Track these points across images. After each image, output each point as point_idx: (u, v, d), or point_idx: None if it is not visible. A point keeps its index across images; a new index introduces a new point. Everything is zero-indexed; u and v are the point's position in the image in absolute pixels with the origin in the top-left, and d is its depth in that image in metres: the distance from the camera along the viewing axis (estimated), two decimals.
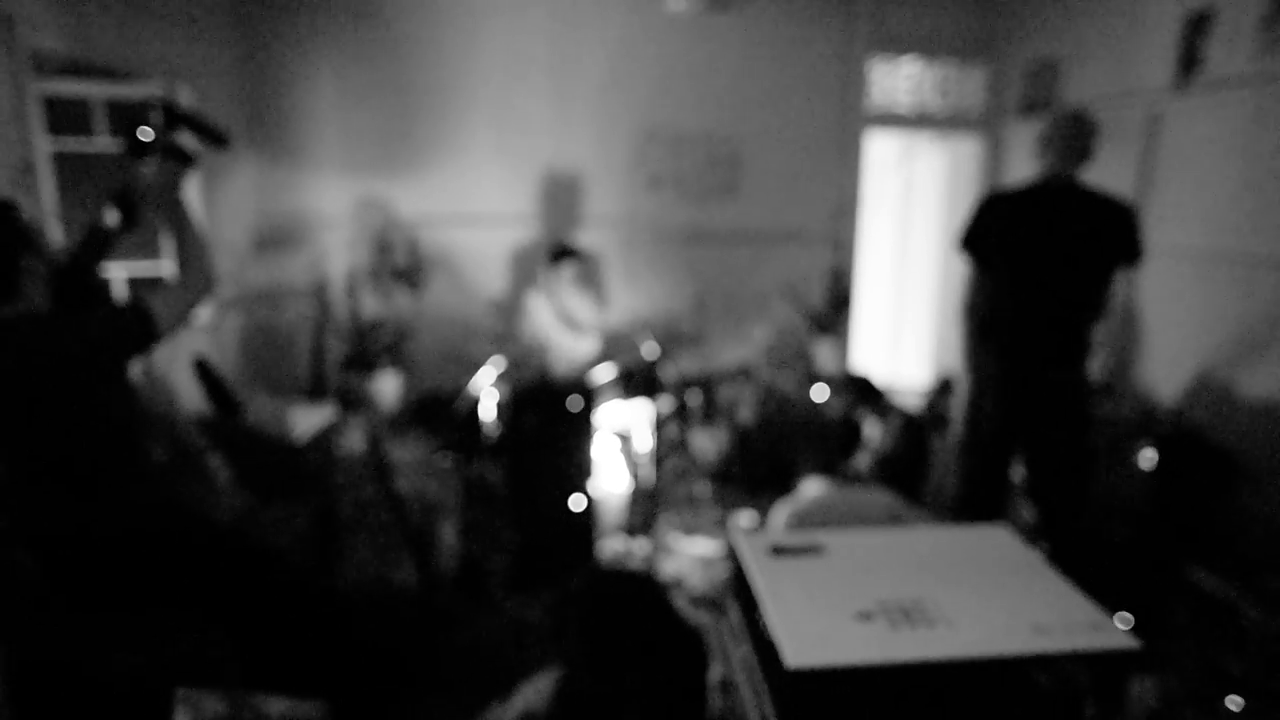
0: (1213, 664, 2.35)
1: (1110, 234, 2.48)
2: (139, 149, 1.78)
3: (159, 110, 1.82)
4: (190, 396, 3.50)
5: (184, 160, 1.83)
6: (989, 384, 2.70)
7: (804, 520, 2.57)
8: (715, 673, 1.14)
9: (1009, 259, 2.58)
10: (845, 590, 0.97)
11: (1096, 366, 2.63)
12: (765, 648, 0.93)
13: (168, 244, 1.82)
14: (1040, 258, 2.53)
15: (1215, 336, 3.35)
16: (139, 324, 1.67)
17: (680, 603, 3.05)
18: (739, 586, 1.08)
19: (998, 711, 0.85)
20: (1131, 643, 0.84)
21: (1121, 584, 2.76)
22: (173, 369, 3.50)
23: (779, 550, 1.07)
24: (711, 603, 3.10)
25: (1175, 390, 3.55)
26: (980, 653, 0.84)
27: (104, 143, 3.51)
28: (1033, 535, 2.75)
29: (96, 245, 1.79)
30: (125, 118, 1.85)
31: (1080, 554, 2.66)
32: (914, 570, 1.02)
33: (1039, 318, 2.58)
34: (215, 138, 1.94)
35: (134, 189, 1.78)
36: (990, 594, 0.96)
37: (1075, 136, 2.51)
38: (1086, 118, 2.54)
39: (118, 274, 3.63)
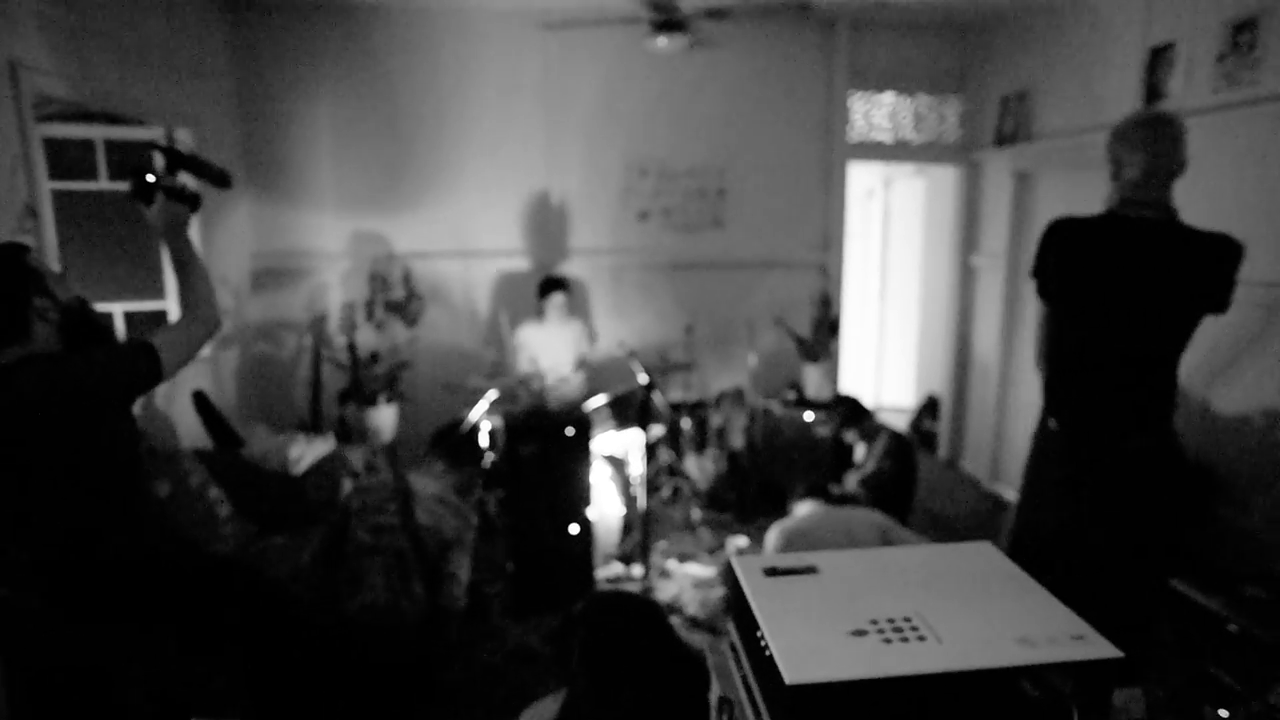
0: (1198, 673, 2.42)
1: (1202, 269, 2.07)
2: (144, 192, 1.84)
3: (161, 154, 1.87)
4: (190, 430, 3.53)
5: (187, 201, 1.89)
6: (1054, 449, 2.20)
7: (795, 541, 2.63)
8: (714, 692, 1.16)
9: (1079, 296, 2.12)
10: (839, 608, 0.99)
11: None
12: (764, 665, 0.95)
13: (172, 283, 1.87)
14: (1116, 296, 2.08)
15: (1192, 356, 3.44)
16: (146, 361, 1.71)
17: (677, 626, 3.09)
18: (737, 607, 1.10)
19: (988, 717, 0.88)
20: (1114, 652, 0.88)
21: (1106, 598, 2.82)
22: (173, 404, 3.54)
23: (773, 571, 1.09)
24: (708, 626, 3.14)
25: None
26: (969, 665, 0.87)
27: (105, 184, 3.58)
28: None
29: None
30: (130, 162, 1.91)
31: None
32: (904, 588, 1.05)
33: (1110, 368, 2.11)
34: (217, 178, 2.00)
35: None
36: (977, 608, 0.99)
37: (1160, 142, 2.06)
38: (1175, 119, 2.08)
39: (117, 311, 3.69)
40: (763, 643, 0.96)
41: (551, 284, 4.37)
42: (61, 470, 1.69)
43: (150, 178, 1.84)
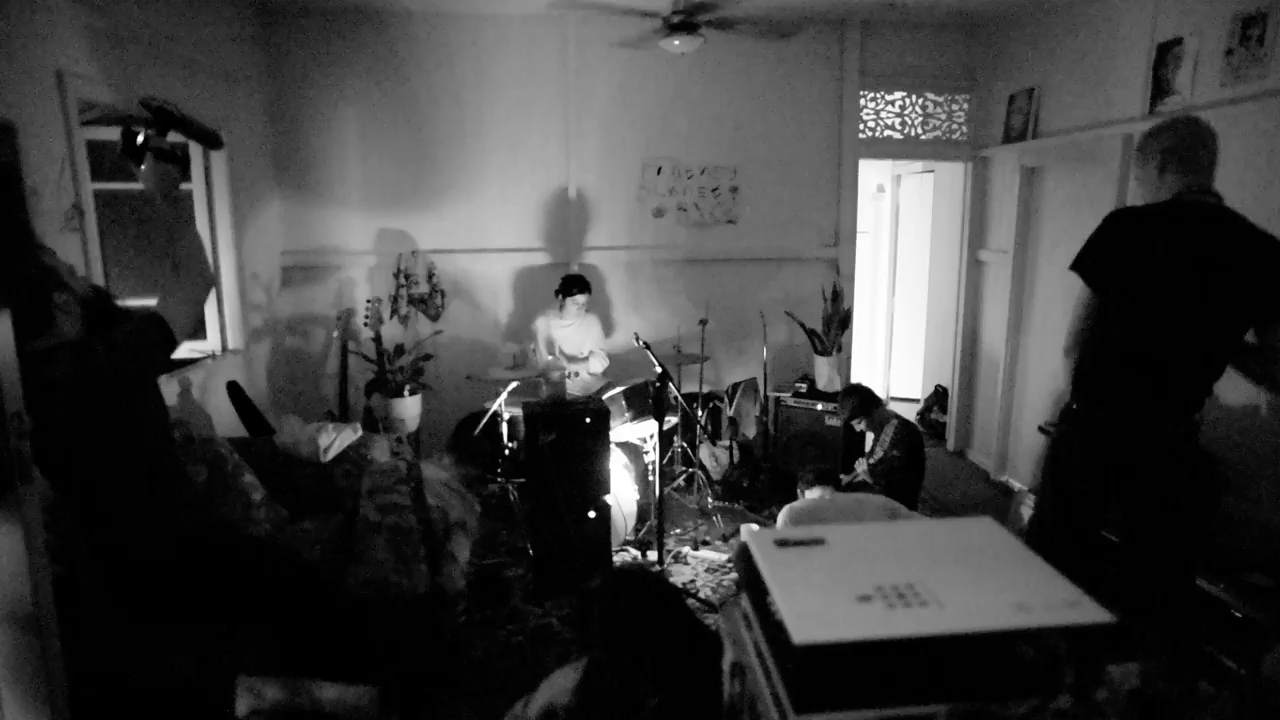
0: (1195, 651, 2.50)
1: (1255, 268, 2.06)
2: (133, 152, 1.84)
3: (151, 113, 1.86)
4: (225, 420, 3.67)
5: (176, 161, 1.89)
6: (1083, 434, 2.24)
7: (804, 521, 2.73)
8: (728, 659, 1.20)
9: (1134, 284, 2.13)
10: (845, 576, 1.02)
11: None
12: (774, 629, 0.99)
13: (165, 244, 1.89)
14: (1173, 286, 2.09)
15: None
16: (158, 332, 1.78)
17: (691, 609, 3.19)
18: (749, 578, 1.12)
19: (985, 679, 0.93)
20: (1106, 617, 0.91)
21: (1115, 582, 2.89)
22: (209, 395, 3.69)
23: (784, 543, 1.12)
24: (721, 608, 3.24)
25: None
26: (968, 628, 0.90)
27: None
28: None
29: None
30: (123, 123, 1.92)
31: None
32: (908, 558, 1.07)
33: (1158, 356, 2.13)
34: (207, 138, 2.02)
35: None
36: (978, 577, 1.02)
37: (1205, 145, 2.15)
38: (1207, 124, 2.19)
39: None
40: (773, 608, 1.00)
41: (574, 283, 4.47)
42: (99, 452, 1.75)
43: (139, 137, 1.84)
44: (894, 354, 6.84)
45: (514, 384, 3.96)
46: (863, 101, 5.13)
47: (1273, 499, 3.11)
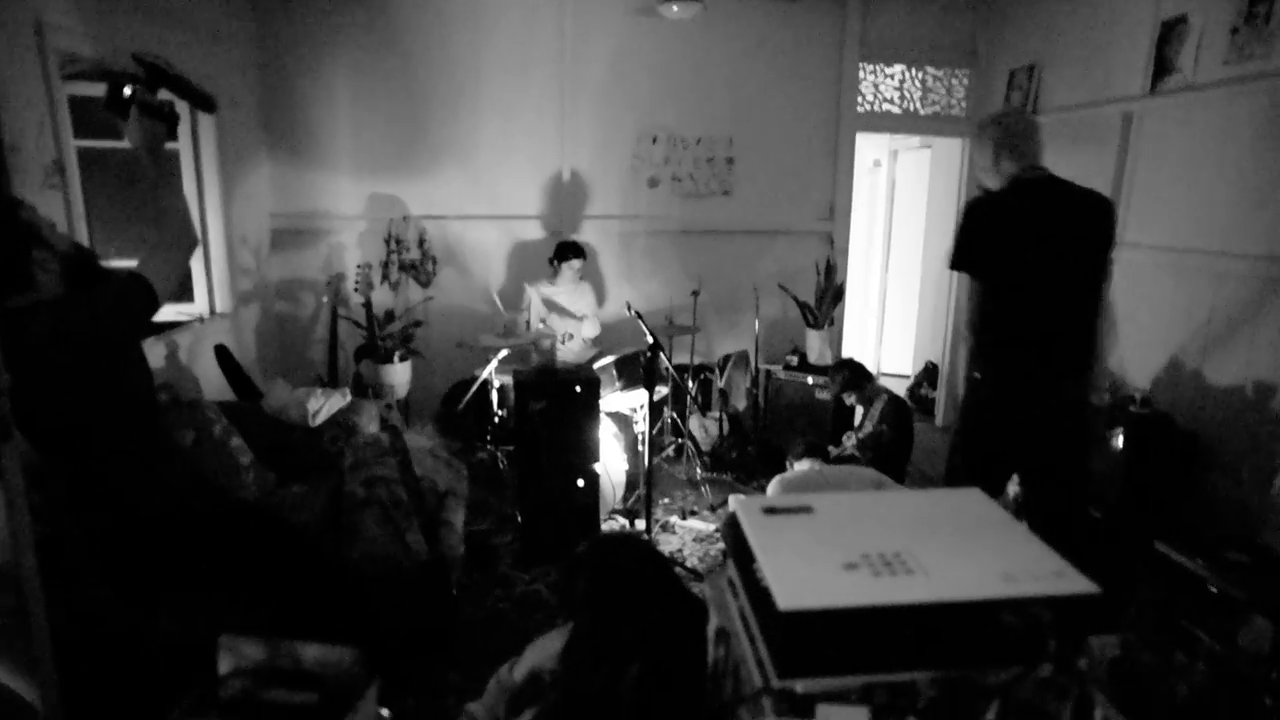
0: (1172, 625, 2.54)
1: (1097, 225, 2.37)
2: (118, 105, 1.76)
3: (142, 67, 1.78)
4: (212, 384, 3.65)
5: (164, 119, 1.82)
6: (993, 404, 2.47)
7: (795, 491, 2.74)
8: (713, 625, 1.20)
9: (1012, 266, 2.36)
10: (832, 544, 1.02)
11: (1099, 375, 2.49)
12: (759, 595, 0.99)
13: (149, 202, 1.83)
14: (1044, 258, 2.33)
15: (1184, 327, 3.53)
16: (140, 292, 1.74)
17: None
18: (736, 545, 1.13)
19: (968, 647, 0.93)
20: (1090, 587, 0.92)
21: (1094, 557, 2.93)
22: (196, 359, 3.66)
23: (771, 510, 1.12)
24: (707, 577, 3.27)
25: (1145, 377, 3.74)
26: (954, 597, 0.91)
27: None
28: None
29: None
30: (110, 74, 1.84)
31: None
32: (895, 527, 1.08)
33: (1051, 325, 2.37)
34: (199, 100, 1.94)
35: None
36: (964, 546, 1.02)
37: (1032, 132, 2.43)
38: (1031, 115, 2.46)
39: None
40: (759, 574, 1.00)
41: (569, 249, 4.44)
42: (78, 410, 1.72)
43: (126, 90, 1.76)
44: (886, 329, 6.85)
45: (504, 351, 3.94)
46: (862, 74, 5.07)
47: (1254, 480, 3.15)
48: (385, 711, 1.28)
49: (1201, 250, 3.42)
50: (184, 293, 3.97)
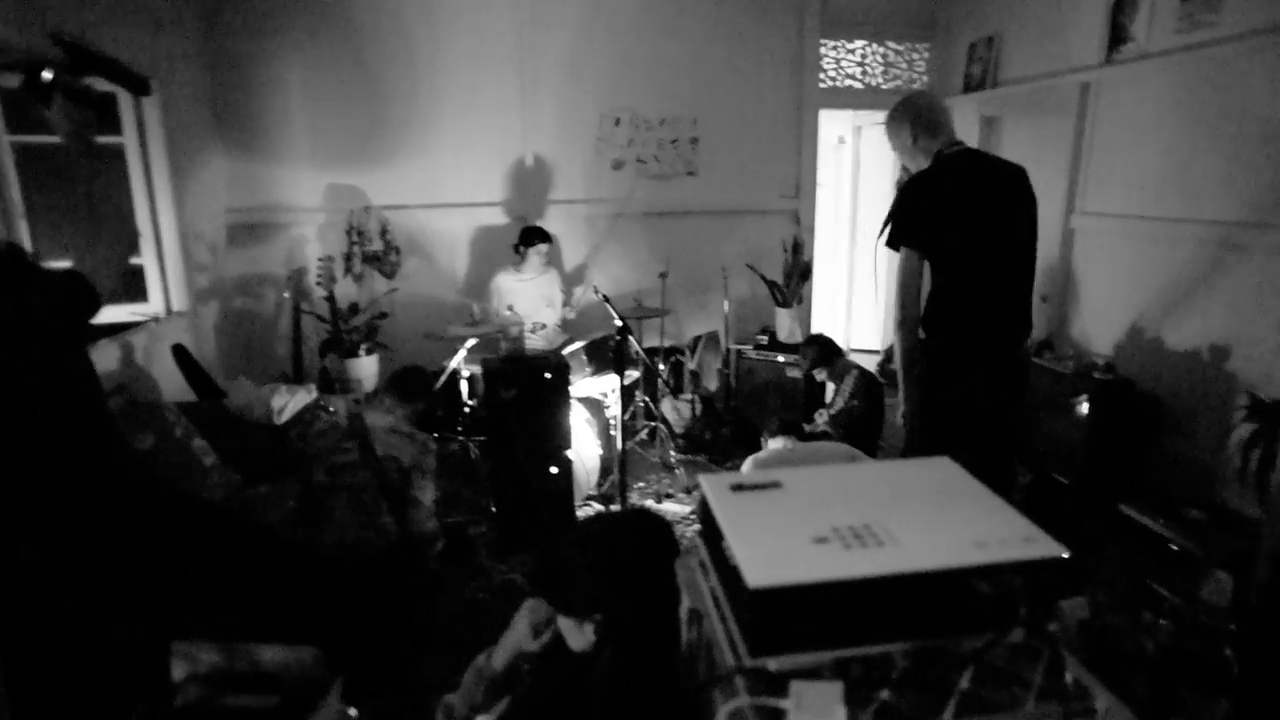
0: (1138, 584, 2.61)
1: (1021, 191, 2.46)
2: (39, 89, 1.62)
3: (62, 50, 1.65)
4: (172, 385, 3.56)
5: (92, 105, 1.70)
6: (947, 377, 2.48)
7: (766, 469, 2.75)
8: (684, 607, 1.18)
9: (953, 237, 2.40)
10: (801, 518, 1.00)
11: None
12: (729, 574, 0.97)
13: (82, 196, 1.71)
14: (981, 227, 2.40)
15: (1143, 293, 3.60)
16: (82, 291, 1.66)
17: None
18: (705, 524, 1.11)
19: (941, 617, 0.93)
20: (1060, 551, 0.92)
21: (1061, 519, 2.99)
22: (153, 360, 3.56)
23: (739, 487, 1.10)
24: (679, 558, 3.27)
25: (1107, 343, 3.81)
26: (926, 566, 0.91)
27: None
28: None
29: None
30: (26, 60, 1.70)
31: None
32: (865, 499, 1.07)
33: (1000, 293, 2.45)
34: (131, 82, 1.81)
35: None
36: (935, 516, 1.02)
37: (940, 111, 2.50)
38: (935, 95, 2.56)
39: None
40: (728, 552, 0.98)
41: (534, 233, 4.40)
42: (23, 417, 1.66)
43: (46, 74, 1.61)
44: (854, 306, 6.89)
45: (472, 341, 3.89)
46: (824, 50, 5.06)
47: (1208, 440, 3.23)
48: (352, 711, 1.25)
49: (1158, 217, 3.48)
50: (136, 292, 3.86)
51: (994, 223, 2.42)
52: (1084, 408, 3.47)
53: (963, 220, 2.40)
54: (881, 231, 2.49)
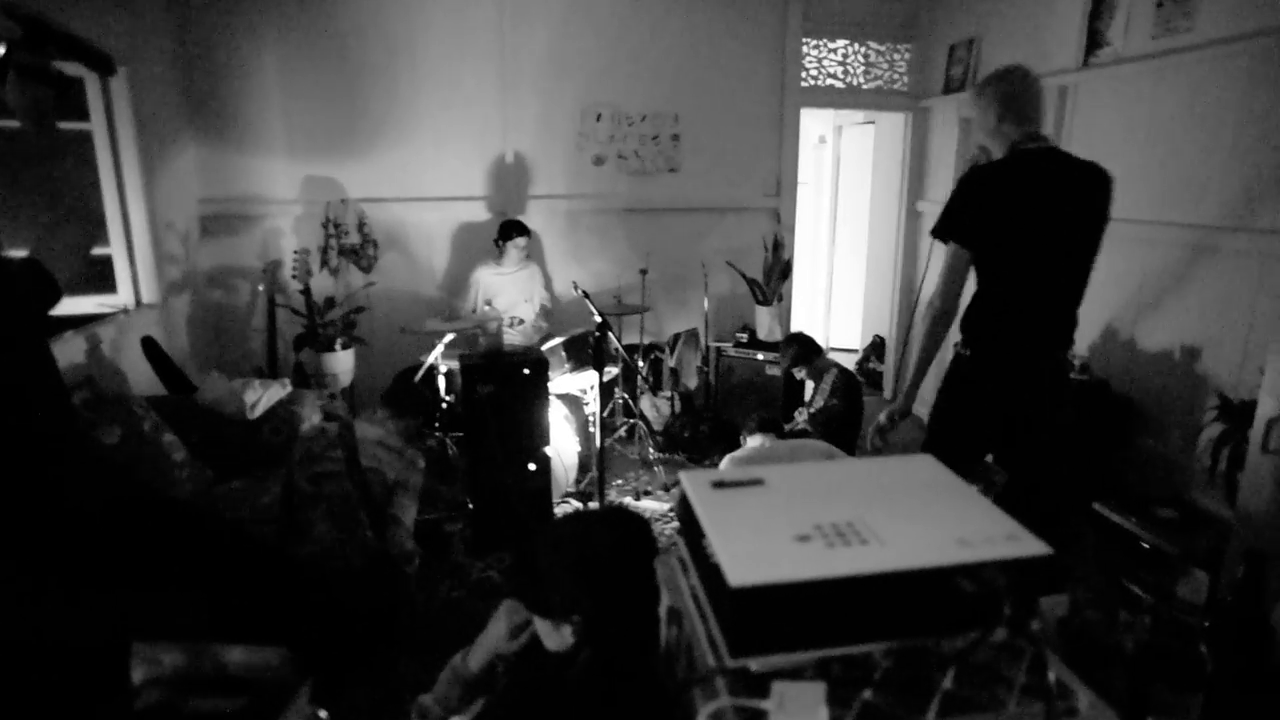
0: (1115, 583, 2.64)
1: (1096, 199, 2.28)
2: None
3: (19, 24, 1.55)
4: (142, 379, 3.48)
5: (51, 83, 1.60)
6: (980, 379, 2.36)
7: (744, 465, 2.74)
8: (664, 606, 1.17)
9: (1008, 240, 2.23)
10: (783, 516, 0.99)
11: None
12: (710, 572, 0.96)
13: (41, 181, 1.62)
14: (1042, 234, 2.22)
15: (1118, 295, 3.64)
16: (42, 280, 1.59)
17: None
18: (686, 522, 1.10)
19: (925, 616, 0.93)
20: (1044, 549, 0.92)
21: (1038, 518, 3.02)
22: (122, 353, 3.48)
23: (721, 484, 1.09)
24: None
25: (1083, 344, 3.85)
26: (909, 565, 0.90)
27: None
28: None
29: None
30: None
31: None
32: (848, 496, 1.06)
33: (1052, 296, 2.29)
34: (95, 60, 1.72)
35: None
36: (918, 513, 1.01)
37: (1035, 96, 2.28)
38: (1036, 76, 2.33)
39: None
40: (709, 550, 0.97)
41: (513, 227, 4.37)
42: None
43: (1, 50, 1.51)
44: (834, 304, 6.93)
45: (450, 336, 3.85)
46: (805, 49, 5.07)
47: (1180, 439, 3.27)
48: (323, 713, 1.22)
49: (1133, 219, 3.52)
50: (104, 283, 3.76)
51: (1054, 235, 2.22)
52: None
53: (1020, 228, 2.20)
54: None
